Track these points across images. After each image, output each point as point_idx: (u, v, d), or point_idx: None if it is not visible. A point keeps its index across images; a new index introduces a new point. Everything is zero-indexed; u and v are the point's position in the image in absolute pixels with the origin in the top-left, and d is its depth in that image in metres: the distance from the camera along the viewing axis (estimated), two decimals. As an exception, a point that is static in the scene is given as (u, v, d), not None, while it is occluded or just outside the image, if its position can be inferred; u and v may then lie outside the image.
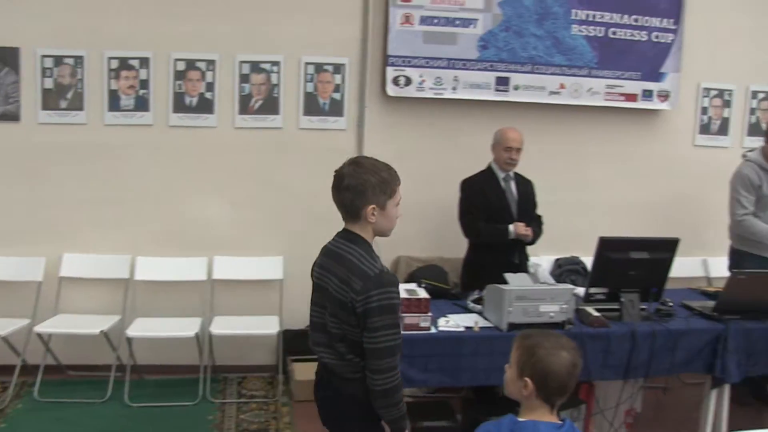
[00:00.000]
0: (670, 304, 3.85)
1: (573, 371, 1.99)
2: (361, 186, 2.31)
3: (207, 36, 4.64)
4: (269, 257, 4.79)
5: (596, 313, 3.55)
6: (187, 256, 4.72)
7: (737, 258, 4.63)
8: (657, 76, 5.26)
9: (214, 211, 4.77)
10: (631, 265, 3.60)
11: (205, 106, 4.70)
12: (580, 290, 3.81)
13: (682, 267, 5.16)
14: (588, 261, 4.52)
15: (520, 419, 1.99)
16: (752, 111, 5.71)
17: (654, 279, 3.66)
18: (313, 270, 2.44)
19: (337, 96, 4.80)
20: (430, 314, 3.34)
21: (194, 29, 4.63)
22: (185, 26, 4.62)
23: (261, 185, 4.79)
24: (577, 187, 5.32)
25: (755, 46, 5.63)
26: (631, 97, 5.24)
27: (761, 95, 5.71)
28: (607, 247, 3.59)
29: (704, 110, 5.58)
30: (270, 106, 4.75)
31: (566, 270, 5.02)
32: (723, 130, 5.65)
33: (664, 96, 5.32)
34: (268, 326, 4.51)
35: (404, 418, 2.32)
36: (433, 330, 3.34)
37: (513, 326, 3.35)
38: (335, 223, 4.84)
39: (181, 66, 4.64)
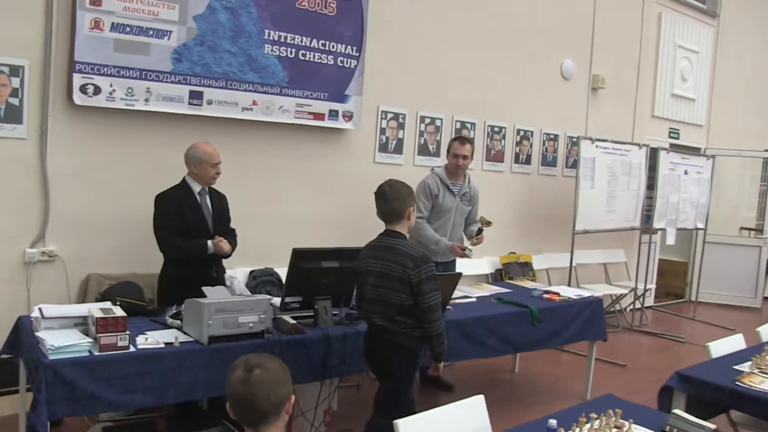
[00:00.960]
0: (359, 308, 4.13)
1: (244, 388, 1.97)
2: (402, 195, 3.29)
3: None
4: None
5: (292, 321, 3.67)
6: None
7: None
8: (342, 98, 5.60)
9: None
10: (323, 274, 3.79)
11: None
12: (276, 300, 3.91)
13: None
14: (282, 272, 4.74)
15: None
16: (421, 133, 6.33)
17: (344, 286, 3.89)
18: (361, 261, 3.38)
19: (15, 101, 4.35)
20: (127, 332, 3.21)
21: None
22: None
23: None
24: (271, 200, 5.44)
25: (422, 77, 6.29)
26: (319, 116, 5.49)
27: (427, 120, 6.36)
28: (300, 257, 3.74)
29: (383, 131, 6.06)
30: (-69, 110, 4.13)
31: (261, 281, 5.11)
32: (398, 149, 6.18)
33: (349, 116, 5.67)
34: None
35: (446, 350, 3.34)
36: (132, 349, 3.22)
37: (214, 339, 3.35)
38: (19, 239, 4.40)
39: None
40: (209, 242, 4.13)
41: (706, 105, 9.88)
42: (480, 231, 5.06)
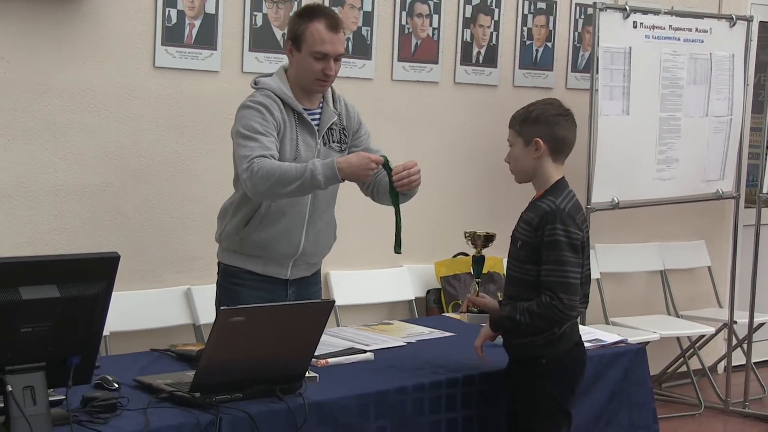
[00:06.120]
0: None
1: None
2: None
3: None
4: None
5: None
6: None
7: None
8: None
9: None
10: (25, 315, 3.07)
11: None
12: None
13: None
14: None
15: None
16: (256, 3, 5.79)
17: (73, 338, 3.23)
18: (586, 228, 4.09)
19: None
20: None
21: None
22: None
23: None
24: None
25: None
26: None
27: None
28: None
29: (171, -1, 5.68)
30: None
31: None
32: (206, 38, 5.60)
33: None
34: None
35: None
36: None
37: None
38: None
39: None
40: None
41: None
42: (479, 265, 4.44)
